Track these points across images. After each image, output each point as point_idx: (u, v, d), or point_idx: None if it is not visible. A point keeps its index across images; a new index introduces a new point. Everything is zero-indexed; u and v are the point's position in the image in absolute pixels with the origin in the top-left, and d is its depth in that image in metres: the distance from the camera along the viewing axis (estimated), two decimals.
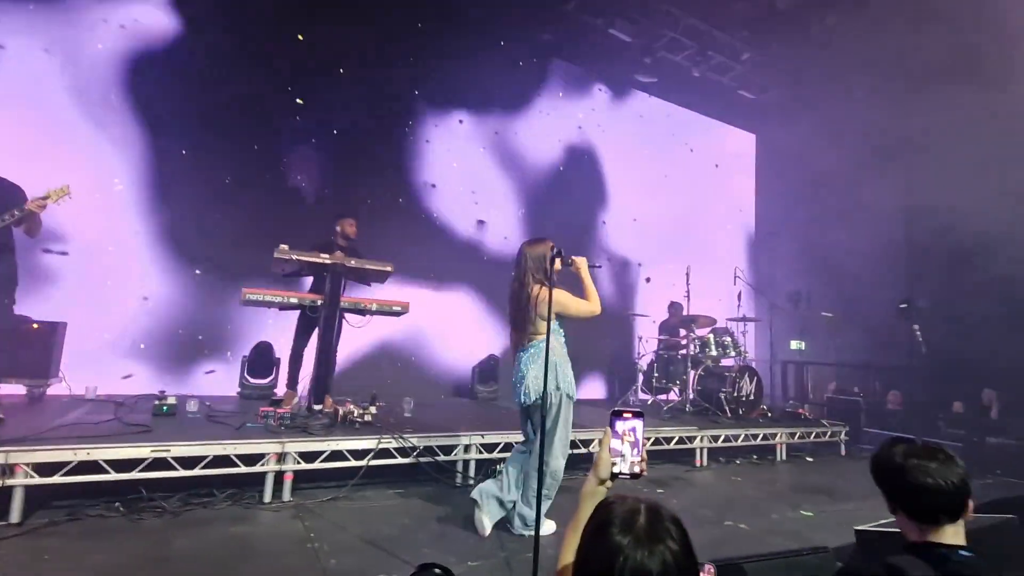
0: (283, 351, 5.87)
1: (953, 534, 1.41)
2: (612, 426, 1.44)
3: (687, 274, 6.71)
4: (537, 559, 2.24)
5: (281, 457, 3.57)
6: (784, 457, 5.84)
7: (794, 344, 8.37)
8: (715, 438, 5.42)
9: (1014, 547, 2.18)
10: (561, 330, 3.25)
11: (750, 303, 8.06)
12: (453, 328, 7.11)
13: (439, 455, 4.10)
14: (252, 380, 5.59)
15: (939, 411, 6.66)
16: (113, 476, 3.15)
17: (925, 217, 7.06)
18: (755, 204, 10.49)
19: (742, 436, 5.56)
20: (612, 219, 8.63)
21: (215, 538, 2.88)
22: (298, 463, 3.62)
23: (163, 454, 3.26)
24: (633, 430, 1.43)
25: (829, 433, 6.24)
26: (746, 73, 8.64)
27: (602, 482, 1.39)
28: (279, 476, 3.57)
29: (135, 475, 3.20)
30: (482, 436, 4.28)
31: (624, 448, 1.42)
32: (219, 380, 5.78)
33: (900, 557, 1.38)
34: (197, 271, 5.79)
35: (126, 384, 5.29)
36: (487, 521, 3.18)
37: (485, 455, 4.28)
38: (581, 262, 3.23)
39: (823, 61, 7.89)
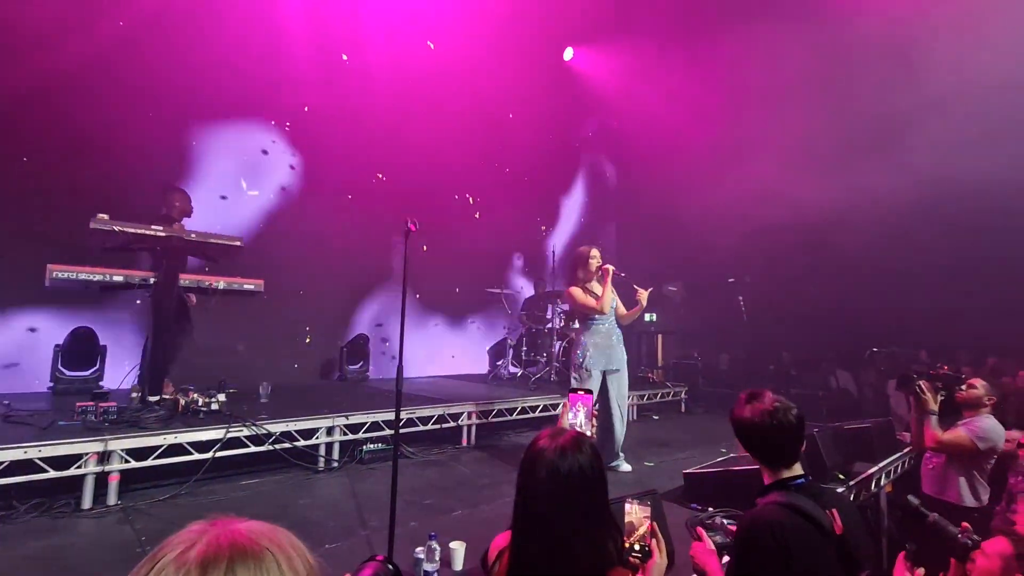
0: (110, 338, 5.16)
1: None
2: (570, 401, 1.80)
3: (552, 252, 7.06)
4: (393, 532, 2.25)
5: (104, 457, 3.14)
6: (635, 417, 6.47)
7: (647, 316, 9.23)
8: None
9: None
10: (608, 318, 4.13)
11: None
12: (321, 307, 6.75)
13: (299, 440, 3.90)
14: (69, 372, 4.79)
15: (758, 369, 7.84)
16: None
17: (759, 206, 8.10)
18: (618, 188, 11.28)
19: None
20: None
21: (13, 556, 2.46)
22: (126, 462, 3.21)
23: None
24: (584, 403, 1.76)
25: (672, 393, 7.04)
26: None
27: None
28: (103, 479, 3.14)
29: None
30: (346, 417, 4.15)
31: (579, 417, 1.73)
32: (26, 375, 4.88)
33: (796, 495, 1.59)
34: None
35: None
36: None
37: (351, 436, 4.17)
38: (607, 270, 4.06)
39: (679, 63, 8.65)
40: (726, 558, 1.78)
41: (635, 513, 1.54)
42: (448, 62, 7.83)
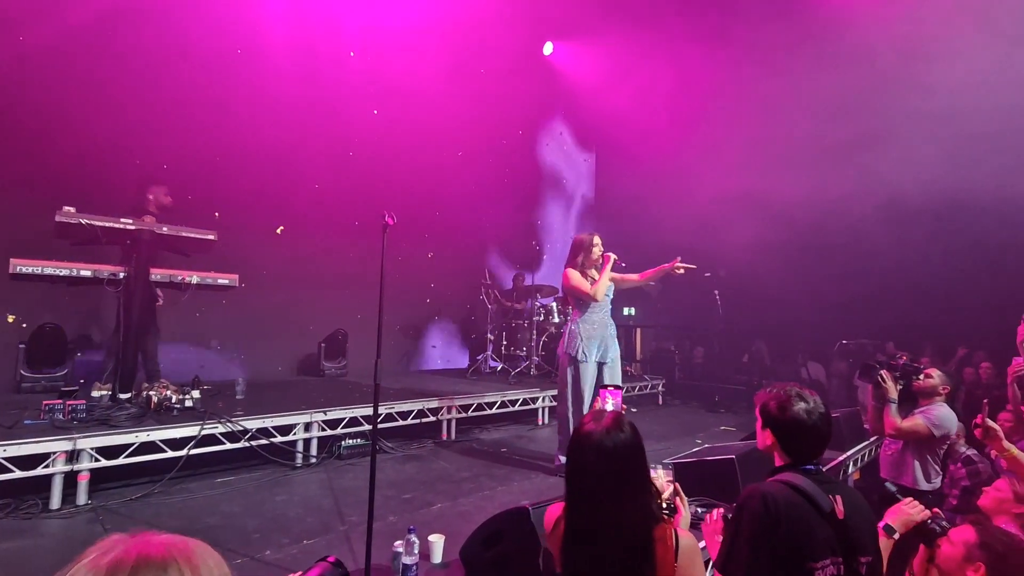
0: (80, 334, 5.03)
1: None
2: (601, 396, 2.02)
3: (534, 245, 7.08)
4: (371, 527, 2.25)
5: (73, 455, 3.07)
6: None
7: (625, 310, 9.35)
8: (556, 397, 5.88)
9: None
10: (603, 308, 4.00)
11: None
12: (296, 300, 6.66)
13: (275, 436, 3.86)
14: (32, 372, 4.65)
15: (732, 361, 8.00)
16: None
17: (735, 203, 8.23)
18: (595, 184, 11.34)
19: None
20: None
21: None
22: (96, 460, 3.14)
23: None
24: (614, 396, 1.99)
25: (649, 386, 7.15)
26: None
27: None
28: (72, 478, 3.07)
29: None
30: (324, 413, 4.12)
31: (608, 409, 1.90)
32: None
33: (801, 477, 1.64)
34: None
35: None
36: None
37: (328, 432, 4.14)
38: (608, 257, 4.00)
39: (660, 60, 8.70)
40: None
41: (660, 478, 1.77)
42: (426, 55, 7.75)
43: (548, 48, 9.71)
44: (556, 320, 7.02)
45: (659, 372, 7.77)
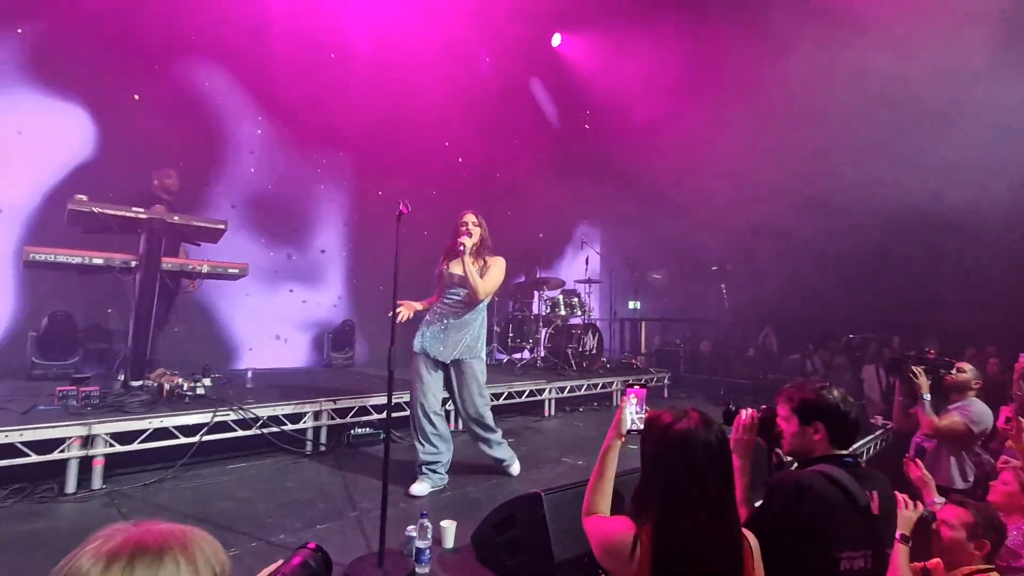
0: (90, 322, 5.06)
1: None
2: (626, 394, 1.81)
3: (540, 236, 7.08)
4: (385, 512, 2.28)
5: (88, 441, 3.10)
6: (619, 402, 6.56)
7: (631, 303, 9.35)
8: (562, 389, 5.90)
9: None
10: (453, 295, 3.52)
11: (595, 267, 8.76)
12: (306, 292, 6.70)
13: (286, 424, 3.89)
14: (45, 360, 4.68)
15: (737, 355, 8.01)
16: None
17: (738, 199, 8.21)
18: (603, 178, 11.29)
19: (585, 386, 6.13)
20: None
21: None
22: (111, 446, 3.18)
23: None
24: (640, 397, 1.79)
25: (655, 379, 7.16)
26: None
27: (621, 436, 1.71)
28: (86, 463, 3.10)
29: None
30: (334, 402, 4.15)
31: (634, 410, 1.76)
32: None
33: (839, 469, 1.65)
34: None
35: None
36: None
37: (338, 420, 4.17)
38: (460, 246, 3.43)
39: (669, 52, 8.65)
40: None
41: None
42: (431, 47, 7.73)
43: (556, 40, 9.65)
44: (562, 313, 7.04)
45: (664, 366, 7.78)
